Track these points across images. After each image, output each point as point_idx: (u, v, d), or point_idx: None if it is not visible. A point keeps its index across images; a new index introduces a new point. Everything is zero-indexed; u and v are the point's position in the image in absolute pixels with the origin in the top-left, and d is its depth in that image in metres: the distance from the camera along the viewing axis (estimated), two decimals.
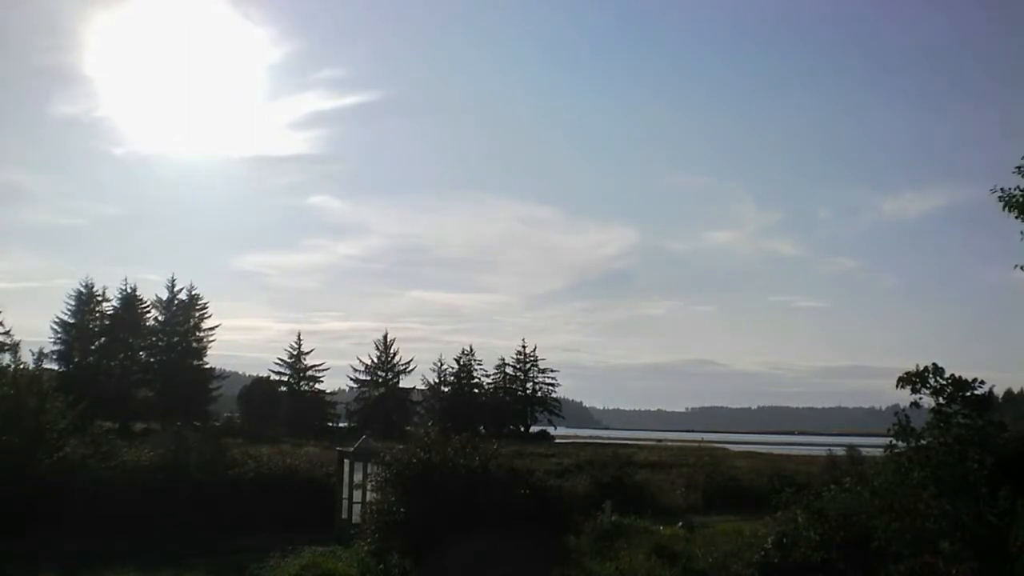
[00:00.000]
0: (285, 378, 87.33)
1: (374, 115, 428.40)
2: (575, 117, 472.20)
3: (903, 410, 12.63)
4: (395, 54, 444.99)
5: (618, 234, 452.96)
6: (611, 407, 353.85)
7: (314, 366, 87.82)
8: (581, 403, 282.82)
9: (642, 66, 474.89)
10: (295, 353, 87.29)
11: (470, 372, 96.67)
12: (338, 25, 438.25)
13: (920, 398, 12.69)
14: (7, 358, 25.57)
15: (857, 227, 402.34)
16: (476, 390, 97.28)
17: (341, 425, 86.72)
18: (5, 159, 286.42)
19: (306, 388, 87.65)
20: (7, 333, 49.08)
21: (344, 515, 22.73)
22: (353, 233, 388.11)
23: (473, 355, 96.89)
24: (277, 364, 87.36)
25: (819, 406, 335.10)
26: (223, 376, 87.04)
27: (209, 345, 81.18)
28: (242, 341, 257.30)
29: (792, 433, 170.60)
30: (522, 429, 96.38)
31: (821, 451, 46.31)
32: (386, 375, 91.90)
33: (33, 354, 26.00)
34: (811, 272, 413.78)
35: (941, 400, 12.59)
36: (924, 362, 12.74)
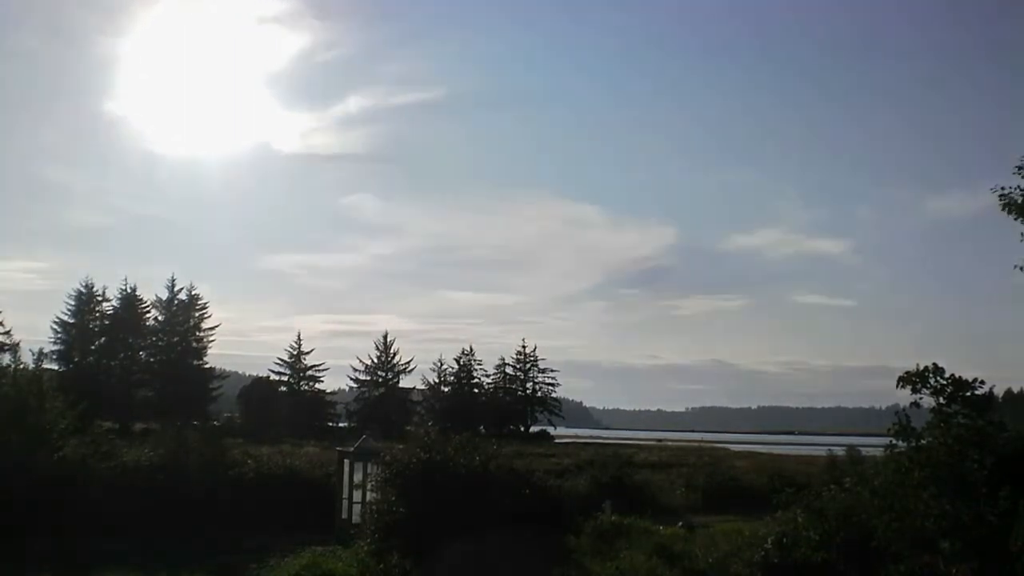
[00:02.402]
0: (285, 378, 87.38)
1: (426, 114, 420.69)
2: (625, 115, 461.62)
3: (903, 410, 12.63)
4: (454, 53, 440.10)
5: (656, 233, 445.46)
6: (611, 407, 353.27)
7: (314, 366, 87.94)
8: (581, 403, 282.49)
9: (690, 65, 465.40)
10: (295, 353, 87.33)
11: (470, 372, 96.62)
12: (400, 24, 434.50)
13: (920, 398, 12.69)
14: (7, 358, 25.53)
15: (900, 226, 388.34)
16: (476, 390, 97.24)
17: (341, 425, 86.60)
18: (48, 156, 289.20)
19: (306, 388, 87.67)
20: (7, 333, 49.09)
21: (344, 515, 22.74)
22: (393, 232, 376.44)
23: (473, 355, 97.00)
24: (277, 364, 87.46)
25: (819, 406, 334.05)
26: (223, 376, 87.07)
27: (209, 345, 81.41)
28: (274, 342, 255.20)
29: (792, 433, 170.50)
30: (522, 429, 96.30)
31: (821, 451, 46.35)
32: (386, 375, 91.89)
33: (32, 354, 25.94)
34: (848, 271, 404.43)
35: (941, 400, 12.58)
36: (946, 360, 12.72)
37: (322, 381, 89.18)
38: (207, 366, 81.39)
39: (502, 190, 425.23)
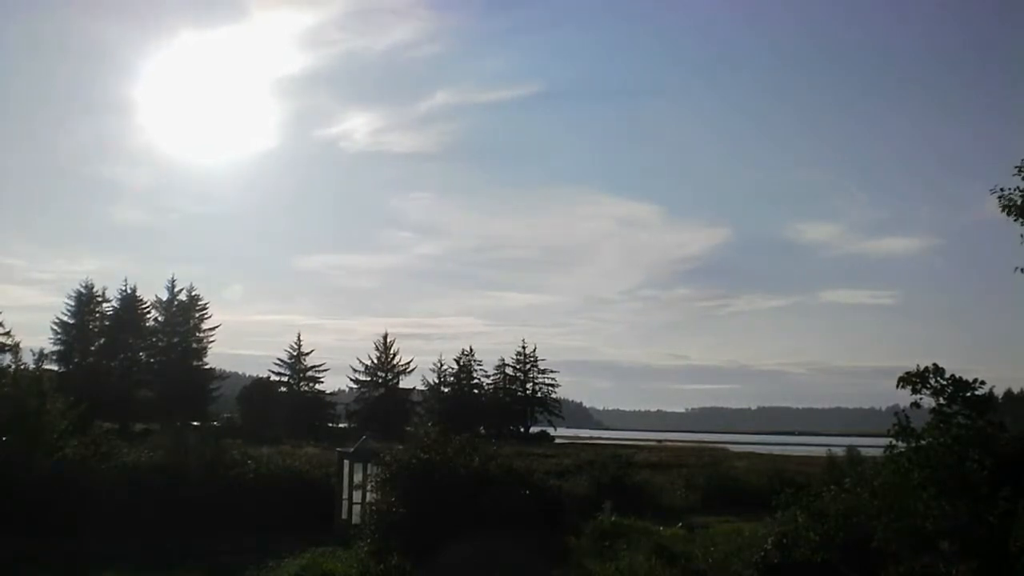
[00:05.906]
0: (285, 379, 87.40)
1: (503, 112, 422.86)
2: (688, 113, 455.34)
3: (903, 410, 12.63)
4: (549, 50, 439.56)
5: (707, 233, 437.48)
6: (611, 407, 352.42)
7: (314, 366, 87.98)
8: (581, 403, 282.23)
9: (752, 64, 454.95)
10: (295, 354, 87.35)
11: (470, 373, 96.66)
12: (507, 18, 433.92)
13: (920, 398, 12.68)
14: (7, 359, 25.48)
15: (957, 224, 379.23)
16: (476, 391, 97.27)
17: (341, 425, 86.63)
18: (105, 154, 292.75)
19: (306, 388, 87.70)
20: (7, 334, 48.98)
21: (344, 515, 22.76)
22: (444, 232, 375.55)
23: (473, 355, 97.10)
24: (277, 364, 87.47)
25: (819, 407, 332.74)
26: (223, 376, 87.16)
27: (209, 346, 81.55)
28: (325, 342, 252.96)
29: (792, 433, 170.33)
30: (522, 430, 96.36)
31: (821, 451, 46.32)
32: (386, 375, 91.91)
33: (33, 354, 25.90)
34: (899, 271, 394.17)
35: (941, 400, 12.58)
36: (966, 360, 12.75)
37: (322, 382, 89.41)
38: (207, 367, 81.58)
39: (560, 188, 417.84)
